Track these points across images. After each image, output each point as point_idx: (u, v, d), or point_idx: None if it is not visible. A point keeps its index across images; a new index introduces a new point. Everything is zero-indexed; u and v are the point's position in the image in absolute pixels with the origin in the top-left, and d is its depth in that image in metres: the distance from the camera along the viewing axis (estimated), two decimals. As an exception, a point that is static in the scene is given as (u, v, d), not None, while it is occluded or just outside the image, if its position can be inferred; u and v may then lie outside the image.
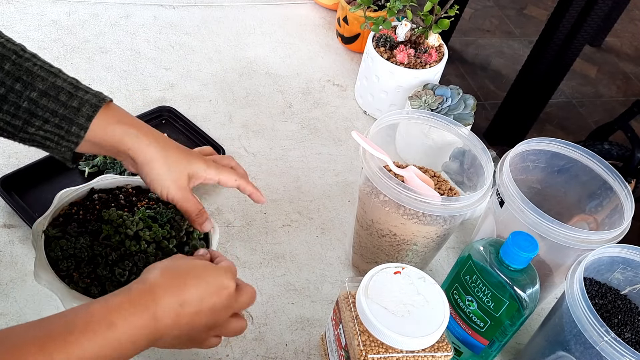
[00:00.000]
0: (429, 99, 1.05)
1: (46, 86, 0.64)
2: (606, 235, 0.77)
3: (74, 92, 0.65)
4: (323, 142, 1.14)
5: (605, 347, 0.66)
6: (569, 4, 2.11)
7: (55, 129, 0.64)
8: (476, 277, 0.74)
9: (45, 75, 0.65)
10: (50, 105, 0.64)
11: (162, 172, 0.68)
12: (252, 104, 1.18)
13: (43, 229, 0.70)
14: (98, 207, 0.75)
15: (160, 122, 1.08)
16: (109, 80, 1.15)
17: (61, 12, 1.27)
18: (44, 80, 0.64)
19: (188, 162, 0.70)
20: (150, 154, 0.67)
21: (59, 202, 0.74)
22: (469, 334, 0.78)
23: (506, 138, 2.50)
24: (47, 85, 0.64)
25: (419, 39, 1.15)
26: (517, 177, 0.83)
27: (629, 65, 3.31)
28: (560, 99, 2.97)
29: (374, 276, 0.70)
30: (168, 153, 0.69)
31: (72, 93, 0.65)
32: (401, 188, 0.76)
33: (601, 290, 0.80)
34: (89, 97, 0.66)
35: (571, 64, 2.30)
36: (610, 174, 0.85)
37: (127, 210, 0.75)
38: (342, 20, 1.32)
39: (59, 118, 0.64)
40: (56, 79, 0.65)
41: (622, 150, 2.17)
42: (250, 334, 0.82)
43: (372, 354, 0.66)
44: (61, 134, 0.64)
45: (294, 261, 0.93)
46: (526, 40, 3.24)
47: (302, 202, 1.02)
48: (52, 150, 0.66)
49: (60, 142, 0.65)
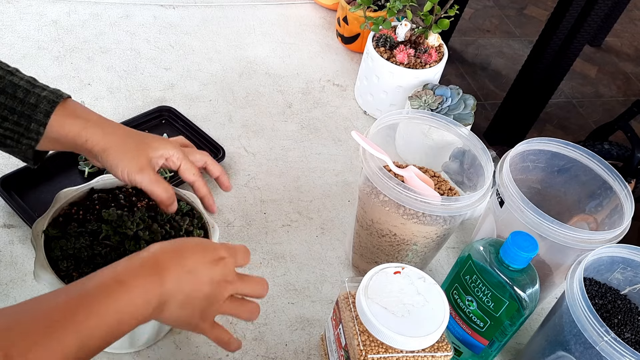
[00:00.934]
0: (428, 99, 1.05)
1: (3, 84, 0.65)
2: (606, 235, 0.77)
3: (31, 89, 0.66)
4: (323, 142, 1.14)
5: (605, 347, 0.66)
6: (569, 4, 2.11)
7: (14, 126, 0.65)
8: (476, 277, 0.74)
9: (1, 74, 0.65)
10: (8, 103, 0.64)
11: (119, 157, 0.67)
12: (252, 104, 1.18)
13: (43, 229, 0.70)
14: (98, 207, 0.75)
15: (160, 122, 1.08)
16: (109, 80, 1.15)
17: (61, 12, 1.27)
18: (1, 78, 0.65)
19: (148, 145, 0.69)
20: (106, 142, 0.67)
21: (58, 202, 0.74)
22: (469, 334, 0.78)
23: (506, 138, 2.50)
24: (4, 83, 0.65)
25: (419, 39, 1.15)
26: (517, 177, 0.83)
27: (629, 65, 3.31)
28: (560, 99, 2.97)
29: (374, 276, 0.70)
30: (126, 140, 0.69)
31: (29, 90, 0.65)
32: (401, 188, 0.76)
33: (601, 290, 0.80)
34: (47, 93, 0.66)
35: (571, 64, 2.30)
36: (610, 174, 0.85)
37: (127, 210, 0.75)
38: (342, 20, 1.32)
39: (17, 115, 0.65)
40: (13, 77, 0.66)
41: (622, 150, 2.17)
42: (250, 334, 0.82)
43: (372, 354, 0.66)
44: (20, 131, 0.65)
45: (294, 261, 0.93)
46: (526, 40, 3.24)
47: (302, 202, 1.02)
48: (13, 149, 0.67)
49: (21, 139, 0.66)
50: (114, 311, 0.52)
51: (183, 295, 0.58)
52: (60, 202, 0.74)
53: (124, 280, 0.54)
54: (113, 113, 1.08)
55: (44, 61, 1.15)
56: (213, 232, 0.77)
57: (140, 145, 0.69)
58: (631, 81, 3.21)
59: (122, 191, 0.78)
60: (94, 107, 1.08)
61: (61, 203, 0.74)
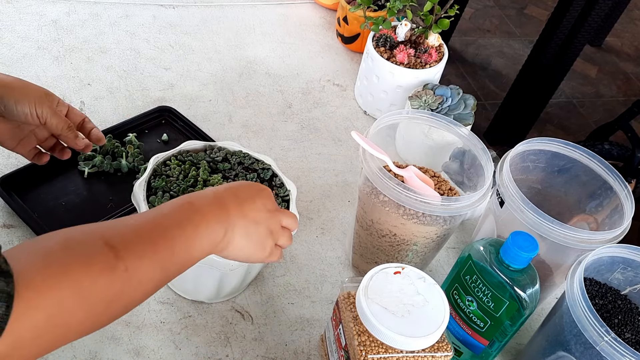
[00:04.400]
0: (429, 99, 1.05)
1: None
2: (606, 235, 0.77)
3: None
4: (323, 142, 1.14)
5: (605, 347, 0.66)
6: (569, 4, 2.11)
7: None
8: (476, 277, 0.74)
9: None
10: None
11: (22, 93, 0.77)
12: (252, 104, 1.18)
13: (143, 190, 0.78)
14: None
15: (160, 122, 1.08)
16: (108, 80, 1.15)
17: (61, 11, 1.27)
18: None
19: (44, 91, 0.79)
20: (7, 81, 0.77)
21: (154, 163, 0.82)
22: (469, 334, 0.78)
23: (506, 138, 2.50)
24: None
25: (419, 38, 1.15)
26: (517, 177, 0.83)
27: (629, 65, 3.31)
28: (560, 99, 2.97)
29: (373, 276, 0.70)
30: (27, 83, 0.79)
31: None
32: (401, 188, 0.76)
33: (601, 290, 0.80)
34: None
35: (571, 64, 2.30)
36: (610, 174, 0.85)
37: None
38: (342, 20, 1.32)
39: None
40: None
41: (623, 150, 2.17)
42: (250, 334, 0.82)
43: (372, 354, 0.66)
44: None
45: (293, 261, 0.93)
46: (526, 40, 3.24)
47: (302, 202, 1.01)
48: None
49: None
50: (192, 239, 0.57)
51: (246, 222, 0.63)
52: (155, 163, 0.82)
53: (200, 209, 0.59)
54: (113, 113, 1.08)
55: (43, 61, 1.15)
56: (292, 191, 0.84)
57: (38, 88, 0.79)
58: (631, 81, 3.21)
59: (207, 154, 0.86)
60: (93, 106, 1.08)
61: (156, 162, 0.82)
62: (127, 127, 1.04)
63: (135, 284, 0.50)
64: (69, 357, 0.75)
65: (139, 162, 0.97)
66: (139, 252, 0.51)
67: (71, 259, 0.46)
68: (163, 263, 0.54)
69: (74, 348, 0.76)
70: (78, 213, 0.89)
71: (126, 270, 0.49)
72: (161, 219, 0.56)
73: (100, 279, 0.47)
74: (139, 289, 0.52)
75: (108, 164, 0.96)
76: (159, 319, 0.81)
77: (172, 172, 0.81)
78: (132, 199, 0.79)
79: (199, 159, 0.84)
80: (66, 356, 0.75)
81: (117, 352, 0.77)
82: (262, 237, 0.65)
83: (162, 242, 0.54)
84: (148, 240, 0.53)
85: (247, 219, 0.63)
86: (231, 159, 0.86)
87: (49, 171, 0.94)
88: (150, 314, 0.82)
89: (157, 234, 0.54)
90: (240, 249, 0.64)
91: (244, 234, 0.63)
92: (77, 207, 0.90)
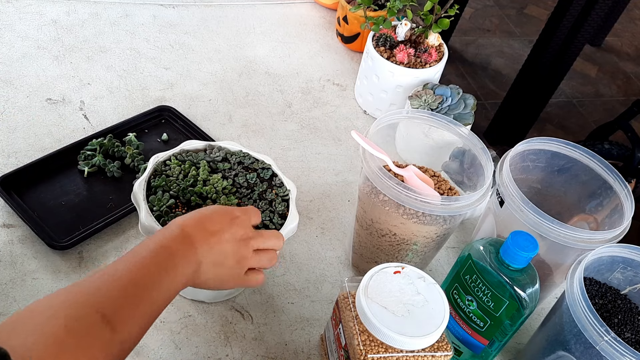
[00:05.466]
0: (429, 98, 1.05)
1: None
2: (606, 235, 0.77)
3: None
4: (323, 142, 1.14)
5: (605, 347, 0.66)
6: (569, 3, 2.11)
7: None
8: (476, 277, 0.74)
9: None
10: None
11: None
12: (252, 104, 1.18)
13: (143, 190, 0.78)
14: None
15: (160, 121, 1.08)
16: (108, 80, 1.15)
17: (61, 11, 1.27)
18: None
19: None
20: None
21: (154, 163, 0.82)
22: (469, 333, 0.78)
23: (506, 138, 2.50)
24: None
25: (419, 38, 1.15)
26: (517, 177, 0.83)
27: (629, 64, 3.31)
28: (560, 99, 2.97)
29: (373, 276, 0.70)
30: None
31: None
32: (401, 188, 0.76)
33: (601, 290, 0.80)
34: None
35: (571, 63, 2.30)
36: (610, 173, 0.85)
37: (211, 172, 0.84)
38: (342, 20, 1.32)
39: None
40: None
41: (622, 150, 2.17)
42: (250, 334, 0.82)
43: (372, 354, 0.66)
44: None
45: (293, 261, 0.93)
46: (526, 39, 3.24)
47: (302, 201, 1.01)
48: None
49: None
50: (167, 278, 0.60)
51: (213, 255, 0.65)
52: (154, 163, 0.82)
53: (169, 248, 0.62)
54: (113, 113, 1.08)
55: (43, 61, 1.15)
56: (291, 190, 0.84)
57: None
58: (631, 81, 3.21)
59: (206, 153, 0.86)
60: (93, 106, 1.08)
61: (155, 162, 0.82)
62: (127, 126, 1.04)
63: (127, 344, 0.56)
64: (68, 357, 0.75)
65: (138, 161, 0.97)
66: (129, 317, 0.56)
67: (76, 346, 0.50)
68: (147, 313, 0.58)
69: (74, 348, 0.76)
70: (78, 213, 0.89)
71: (122, 342, 0.55)
72: (139, 273, 0.59)
73: (101, 355, 0.52)
74: (130, 344, 0.57)
75: (108, 163, 0.96)
76: (159, 318, 0.81)
77: (172, 172, 0.81)
78: (132, 199, 0.79)
79: (198, 158, 0.84)
80: (66, 356, 0.75)
81: (117, 352, 0.77)
82: (230, 267, 0.67)
83: (145, 298, 0.58)
84: (134, 302, 0.57)
85: (213, 252, 0.65)
86: (231, 158, 0.86)
87: (49, 171, 0.94)
88: (150, 314, 0.82)
89: (140, 290, 0.58)
90: (210, 279, 0.66)
91: (212, 266, 0.65)
92: (77, 207, 0.90)
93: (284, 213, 0.81)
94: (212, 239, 0.65)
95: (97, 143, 0.98)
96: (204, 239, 0.65)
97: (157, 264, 0.60)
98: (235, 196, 0.81)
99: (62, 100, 1.08)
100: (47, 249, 0.85)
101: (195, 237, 0.64)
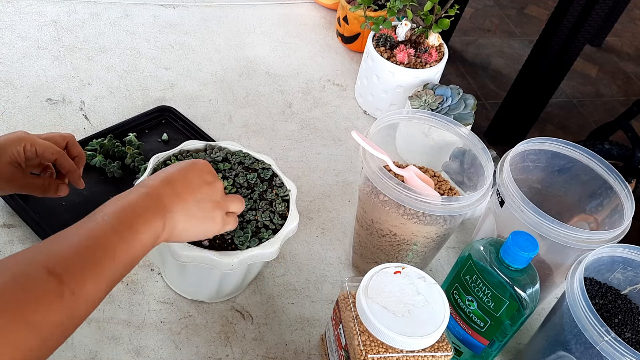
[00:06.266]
0: (429, 98, 1.05)
1: None
2: (606, 235, 0.77)
3: None
4: (323, 142, 1.14)
5: (605, 347, 0.66)
6: (569, 3, 2.11)
7: None
8: (476, 277, 0.74)
9: None
10: None
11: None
12: (252, 104, 1.18)
13: None
14: None
15: (160, 122, 1.08)
16: (108, 80, 1.15)
17: (61, 11, 1.27)
18: None
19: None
20: None
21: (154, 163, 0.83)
22: (469, 333, 0.78)
23: (506, 138, 2.50)
24: None
25: (419, 38, 1.15)
26: (517, 177, 0.83)
27: (629, 64, 3.31)
28: (560, 99, 2.97)
29: (374, 276, 0.70)
30: None
31: None
32: (401, 188, 0.76)
33: (601, 290, 0.80)
34: None
35: (571, 63, 2.30)
36: (610, 173, 0.85)
37: None
38: (342, 20, 1.32)
39: None
40: None
41: (623, 150, 2.17)
42: (250, 334, 0.82)
43: (372, 354, 0.66)
44: None
45: (294, 261, 0.93)
46: (526, 39, 3.24)
47: (302, 202, 1.01)
48: None
49: None
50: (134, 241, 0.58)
51: (185, 206, 0.63)
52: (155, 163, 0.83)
53: (135, 210, 0.59)
54: (113, 113, 1.08)
55: (43, 61, 1.15)
56: (292, 190, 0.84)
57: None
58: (632, 81, 3.21)
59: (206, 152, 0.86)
60: (93, 106, 1.08)
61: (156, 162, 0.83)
62: (127, 126, 1.04)
63: (83, 303, 0.53)
64: (69, 357, 0.75)
65: (139, 162, 0.97)
66: (82, 272, 0.53)
67: (21, 298, 0.49)
68: (107, 274, 0.55)
69: (74, 348, 0.76)
70: (78, 213, 0.88)
71: (73, 294, 0.51)
72: (98, 230, 0.56)
73: (51, 310, 0.50)
74: (88, 305, 0.54)
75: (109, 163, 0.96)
76: (159, 318, 0.81)
77: None
78: None
79: (199, 158, 0.84)
80: (66, 356, 0.75)
81: (117, 352, 0.77)
82: (208, 212, 0.66)
83: (101, 254, 0.55)
84: (89, 258, 0.54)
85: (185, 202, 0.63)
86: (231, 158, 0.86)
87: (49, 171, 0.94)
88: (150, 314, 0.82)
89: (97, 247, 0.55)
90: (188, 230, 0.65)
91: (186, 217, 0.64)
92: (77, 207, 0.90)
93: (284, 213, 0.81)
94: (180, 189, 0.64)
95: (98, 143, 0.98)
96: (172, 191, 0.63)
97: (122, 223, 0.58)
98: None
99: (63, 100, 1.08)
100: (48, 249, 0.85)
101: (161, 192, 0.62)
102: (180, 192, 0.64)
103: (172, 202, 0.62)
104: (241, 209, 0.71)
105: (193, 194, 0.64)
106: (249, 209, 0.80)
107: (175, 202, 0.63)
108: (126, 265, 0.58)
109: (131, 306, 0.82)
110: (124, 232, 0.57)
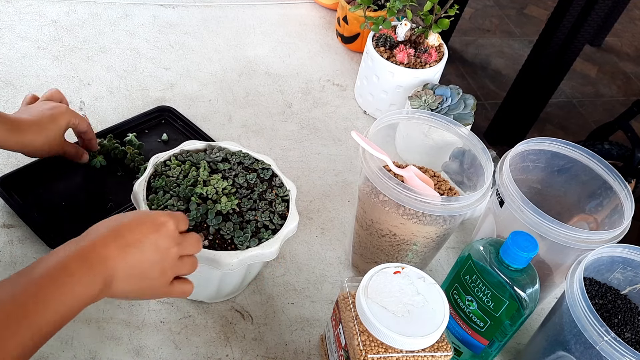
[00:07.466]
0: (428, 98, 1.05)
1: None
2: (606, 235, 0.77)
3: None
4: (323, 142, 1.14)
5: (605, 347, 0.66)
6: (569, 3, 2.11)
7: None
8: (476, 277, 0.74)
9: None
10: None
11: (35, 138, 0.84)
12: (252, 104, 1.18)
13: (143, 190, 0.78)
14: None
15: (160, 122, 1.08)
16: (108, 80, 1.15)
17: (60, 11, 1.27)
18: None
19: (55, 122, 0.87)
20: None
21: (154, 162, 0.83)
22: (469, 334, 0.78)
23: (506, 138, 2.50)
24: None
25: (418, 38, 1.15)
26: (517, 177, 0.83)
27: (629, 64, 3.31)
28: (560, 99, 2.97)
29: (373, 276, 0.70)
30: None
31: None
32: (401, 188, 0.76)
33: (601, 290, 0.80)
34: None
35: (571, 63, 2.30)
36: (610, 173, 0.85)
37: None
38: (342, 20, 1.32)
39: None
40: None
41: (622, 150, 2.17)
42: (250, 334, 0.82)
43: (372, 354, 0.66)
44: None
45: (293, 261, 0.93)
46: (526, 40, 3.24)
47: (302, 202, 1.01)
48: None
49: None
50: (61, 301, 0.54)
51: (130, 268, 0.60)
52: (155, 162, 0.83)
53: (68, 268, 0.55)
54: (113, 113, 1.08)
55: (43, 61, 1.15)
56: (291, 190, 0.84)
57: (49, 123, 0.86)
58: (631, 81, 3.21)
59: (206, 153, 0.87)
60: (93, 106, 1.08)
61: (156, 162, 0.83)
62: (127, 127, 1.04)
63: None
64: (69, 357, 0.75)
65: (139, 162, 0.97)
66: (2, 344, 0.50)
67: None
68: (25, 342, 0.52)
69: (74, 348, 0.76)
70: (78, 213, 0.89)
71: None
72: (26, 296, 0.53)
73: None
74: None
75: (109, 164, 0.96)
76: (159, 318, 0.81)
77: (172, 172, 0.81)
78: (132, 199, 0.79)
79: (199, 159, 0.84)
80: (66, 356, 0.75)
81: (117, 352, 0.77)
82: (153, 279, 0.63)
83: (27, 325, 0.52)
84: (10, 330, 0.51)
85: (130, 264, 0.60)
86: (231, 158, 0.86)
87: (49, 171, 0.94)
88: (150, 314, 0.82)
89: (22, 319, 0.52)
90: (130, 291, 0.62)
91: (129, 278, 0.60)
92: (77, 207, 0.90)
93: (283, 213, 0.81)
94: (129, 249, 0.59)
95: (97, 143, 0.98)
96: (118, 249, 0.59)
97: (51, 285, 0.54)
98: (236, 196, 0.81)
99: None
100: (47, 249, 0.85)
101: (108, 249, 0.58)
102: (128, 254, 0.60)
103: (116, 261, 0.59)
104: (192, 271, 0.67)
105: (140, 258, 0.61)
106: (249, 209, 0.80)
107: (119, 261, 0.59)
108: (50, 332, 0.54)
109: (131, 306, 0.82)
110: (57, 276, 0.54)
